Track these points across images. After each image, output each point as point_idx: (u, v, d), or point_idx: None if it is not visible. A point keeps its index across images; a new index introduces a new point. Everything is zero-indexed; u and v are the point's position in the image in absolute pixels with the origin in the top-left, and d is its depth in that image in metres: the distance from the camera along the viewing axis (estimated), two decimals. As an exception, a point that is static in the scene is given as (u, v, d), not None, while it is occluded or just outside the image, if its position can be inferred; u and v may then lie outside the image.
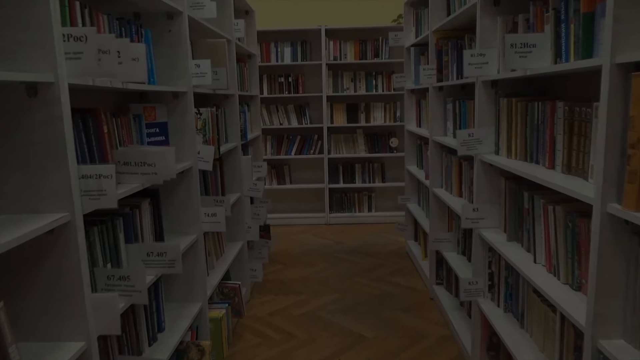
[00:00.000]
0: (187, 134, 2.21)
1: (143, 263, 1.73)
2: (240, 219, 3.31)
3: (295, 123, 5.32)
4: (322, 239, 4.85)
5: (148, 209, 1.91)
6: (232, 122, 3.20)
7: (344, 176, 5.38)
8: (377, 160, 5.43)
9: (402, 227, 4.24)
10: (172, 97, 2.19)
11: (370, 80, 5.24)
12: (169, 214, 2.27)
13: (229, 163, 3.23)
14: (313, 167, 5.52)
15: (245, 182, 3.33)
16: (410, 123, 4.18)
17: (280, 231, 5.13)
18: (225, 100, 3.17)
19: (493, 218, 2.18)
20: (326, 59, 5.15)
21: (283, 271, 3.97)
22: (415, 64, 3.81)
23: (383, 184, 5.34)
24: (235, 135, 3.21)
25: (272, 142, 5.38)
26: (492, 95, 2.13)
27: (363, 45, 5.20)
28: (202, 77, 2.20)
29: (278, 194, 5.59)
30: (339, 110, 5.29)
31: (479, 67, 2.07)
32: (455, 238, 2.94)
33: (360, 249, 4.49)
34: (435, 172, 3.20)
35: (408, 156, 4.22)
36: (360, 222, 5.39)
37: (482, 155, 2.16)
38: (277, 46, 5.21)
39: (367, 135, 5.34)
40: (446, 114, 3.09)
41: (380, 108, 5.28)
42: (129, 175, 1.64)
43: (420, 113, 3.91)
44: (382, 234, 4.93)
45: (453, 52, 2.87)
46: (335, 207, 5.44)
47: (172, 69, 2.17)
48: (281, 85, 5.26)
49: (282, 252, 4.46)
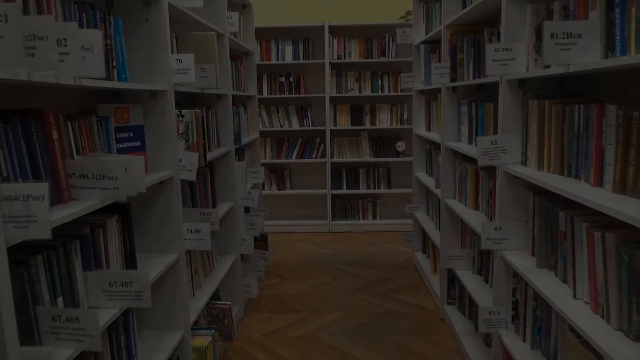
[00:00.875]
0: (167, 139, 1.93)
1: (105, 295, 1.45)
2: (233, 231, 3.02)
3: (297, 125, 5.03)
4: (323, 248, 4.56)
5: (116, 227, 1.62)
6: (224, 125, 2.92)
7: (347, 181, 5.10)
8: (382, 165, 5.14)
9: (409, 238, 3.95)
10: (150, 96, 1.90)
11: (375, 81, 4.95)
12: (146, 230, 1.98)
13: (220, 169, 2.95)
14: (315, 172, 5.24)
15: (239, 190, 3.05)
16: (418, 126, 3.89)
17: (279, 239, 4.84)
18: (217, 101, 2.88)
19: (518, 238, 1.88)
20: (329, 57, 4.86)
21: (281, 285, 3.68)
22: (425, 63, 3.51)
23: (388, 191, 5.05)
24: (228, 139, 2.93)
25: (272, 145, 5.09)
26: (519, 97, 1.84)
27: (368, 43, 4.91)
28: (184, 74, 1.92)
29: (277, 200, 5.30)
30: (342, 111, 5.01)
31: (504, 64, 1.78)
32: (470, 255, 2.65)
33: (364, 260, 4.19)
34: (447, 181, 2.90)
35: (416, 162, 3.93)
36: (364, 230, 5.09)
37: (507, 165, 1.86)
38: (277, 44, 4.93)
39: (372, 139, 5.05)
40: (460, 117, 2.79)
41: (387, 110, 4.99)
42: (85, 190, 1.36)
43: (430, 116, 3.62)
44: (387, 244, 4.63)
45: (469, 48, 2.58)
46: (337, 214, 5.15)
47: (149, 64, 1.88)
48: (282, 85, 4.98)
49: (280, 262, 4.17)
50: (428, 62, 3.49)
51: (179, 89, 2.04)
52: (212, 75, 2.29)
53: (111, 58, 1.64)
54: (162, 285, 2.01)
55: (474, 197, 2.57)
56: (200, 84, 2.30)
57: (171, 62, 1.91)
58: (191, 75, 1.92)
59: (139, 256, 1.93)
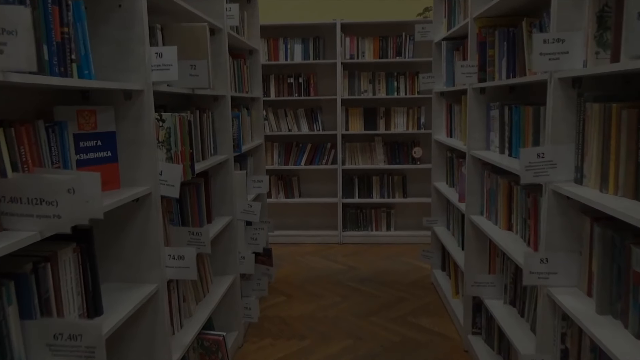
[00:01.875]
0: (144, 148, 1.61)
1: (49, 350, 1.13)
2: (232, 248, 2.70)
3: (306, 129, 4.71)
4: (334, 262, 4.22)
5: (72, 259, 1.31)
6: (222, 130, 2.60)
7: (359, 190, 4.76)
8: (397, 173, 4.79)
9: (427, 254, 3.60)
10: (124, 97, 1.59)
11: (391, 82, 4.61)
12: (119, 256, 1.67)
13: (217, 180, 2.64)
14: (325, 179, 4.91)
15: (239, 203, 2.73)
16: (439, 132, 3.54)
17: (286, 251, 4.52)
18: (214, 103, 2.57)
19: (569, 274, 1.53)
20: (342, 57, 4.54)
21: (285, 305, 3.36)
22: (447, 62, 3.17)
23: (404, 200, 4.70)
24: (226, 146, 2.62)
25: (279, 151, 4.78)
26: (573, 99, 1.49)
27: (383, 42, 4.57)
28: (165, 71, 1.60)
29: (285, 209, 4.98)
30: (355, 115, 4.67)
31: (555, 59, 1.43)
32: (501, 282, 2.30)
33: (378, 277, 3.85)
34: (473, 195, 2.55)
35: (435, 170, 3.58)
36: (378, 242, 4.75)
37: (557, 184, 1.52)
38: (286, 43, 4.62)
39: (387, 144, 4.71)
40: (489, 122, 2.45)
41: (402, 113, 4.64)
42: (19, 218, 1.04)
43: (452, 120, 3.27)
44: (402, 258, 4.28)
45: (501, 43, 2.23)
46: (349, 224, 4.81)
47: (123, 58, 1.57)
48: (290, 86, 4.66)
49: (286, 278, 3.84)
50: (450, 60, 3.14)
51: (161, 88, 1.73)
52: (203, 73, 1.97)
53: (69, 50, 1.33)
54: (137, 322, 1.69)
55: (507, 215, 2.22)
56: (190, 83, 1.99)
57: (149, 57, 1.60)
58: (173, 72, 1.60)
59: (111, 288, 1.63)
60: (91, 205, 1.14)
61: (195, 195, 2.32)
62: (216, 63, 2.54)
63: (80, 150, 1.45)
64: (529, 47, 1.92)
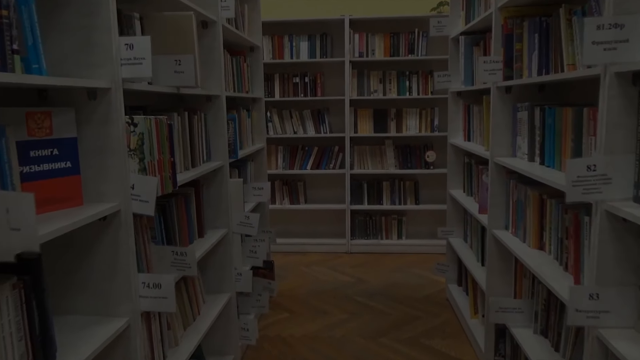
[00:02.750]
0: (113, 158, 1.36)
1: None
2: (227, 263, 2.45)
3: (312, 132, 4.45)
4: (341, 274, 3.95)
5: (12, 298, 1.06)
6: (216, 134, 2.35)
7: (369, 196, 4.48)
8: (409, 178, 4.51)
9: (442, 268, 3.32)
10: (88, 96, 1.34)
11: (402, 82, 4.33)
12: (84, 285, 1.42)
13: (211, 189, 2.38)
14: (332, 185, 4.64)
15: (235, 214, 2.47)
16: (455, 135, 3.26)
17: (291, 261, 4.26)
18: (207, 104, 2.32)
19: (626, 313, 1.25)
20: (350, 55, 4.27)
21: (288, 323, 3.09)
22: (465, 59, 2.89)
23: (416, 207, 4.42)
24: (221, 152, 2.36)
25: (284, 154, 4.52)
26: (634, 99, 1.21)
27: (395, 38, 4.30)
28: (136, 66, 1.35)
29: (290, 216, 4.72)
30: (364, 117, 4.40)
31: (612, 49, 1.16)
32: (531, 309, 2.02)
33: (388, 290, 3.57)
34: (497, 208, 2.27)
35: (452, 177, 3.29)
36: (388, 251, 4.47)
37: (611, 203, 1.24)
38: (291, 40, 4.36)
39: (398, 148, 4.44)
40: (516, 125, 2.16)
41: (415, 115, 4.36)
42: None
43: (470, 122, 2.99)
44: (415, 269, 4.00)
45: (531, 35, 1.95)
46: (358, 232, 4.54)
47: (86, 51, 1.32)
48: (296, 86, 4.40)
49: (290, 291, 3.58)
50: (469, 57, 2.86)
51: (139, 87, 1.47)
52: (189, 69, 1.72)
53: (10, 39, 1.07)
54: (106, 362, 1.44)
55: (537, 232, 1.94)
56: (175, 80, 1.73)
57: (118, 49, 1.34)
58: (146, 68, 1.34)
59: (73, 322, 1.38)
60: (22, 234, 0.88)
61: (184, 207, 2.07)
62: (209, 59, 2.28)
63: (29, 161, 1.19)
64: (568, 37, 1.64)
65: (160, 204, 1.85)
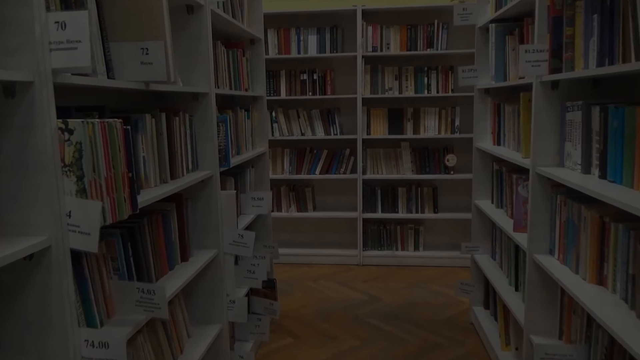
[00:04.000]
0: (39, 176, 1.01)
1: None
2: (217, 290, 2.10)
3: (321, 133, 4.09)
4: (352, 290, 3.58)
5: None
6: (204, 138, 2.00)
7: (383, 203, 4.11)
8: (427, 184, 4.13)
9: (466, 288, 2.93)
10: (3, 93, 0.99)
11: (420, 78, 3.95)
12: (4, 348, 1.07)
13: (197, 203, 2.03)
14: (343, 191, 4.28)
15: (227, 232, 2.12)
16: (482, 138, 2.87)
17: (297, 274, 3.90)
18: (192, 104, 1.97)
19: None
20: (363, 49, 3.89)
21: (291, 350, 2.73)
22: (496, 50, 2.50)
23: (435, 215, 4.03)
24: (209, 159, 2.01)
25: (290, 157, 4.16)
26: None
27: (412, 31, 3.91)
28: (70, 51, 0.99)
29: (297, 224, 4.36)
30: (378, 117, 4.03)
31: None
32: (585, 355, 1.63)
33: (405, 311, 3.20)
34: (539, 227, 1.89)
35: (478, 186, 2.90)
36: (404, 264, 4.09)
37: None
38: (298, 33, 4.00)
39: (415, 151, 4.05)
40: (564, 129, 1.78)
41: (434, 115, 3.97)
42: None
43: (501, 124, 2.60)
44: (433, 285, 3.62)
45: (589, 17, 1.57)
46: (371, 243, 4.17)
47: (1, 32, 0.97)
48: (304, 84, 4.04)
49: (295, 311, 3.22)
50: (501, 48, 2.47)
51: (67, 81, 1.12)
52: (159, 59, 1.37)
53: None
54: None
55: (596, 263, 1.55)
56: (141, 73, 1.38)
57: (44, 29, 0.99)
58: (82, 54, 0.99)
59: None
60: None
61: (161, 227, 1.72)
62: (195, 51, 1.93)
63: None
64: (648, 15, 1.25)
65: (128, 227, 1.50)
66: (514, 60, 2.34)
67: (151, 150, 1.60)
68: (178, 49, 1.91)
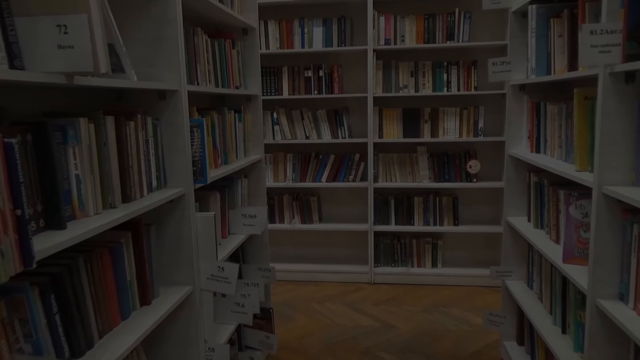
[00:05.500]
0: None
1: None
2: (192, 336, 1.68)
3: (328, 136, 3.66)
4: (362, 314, 3.16)
5: None
6: (173, 148, 1.58)
7: (397, 214, 3.67)
8: (447, 193, 3.68)
9: (496, 320, 2.49)
10: None
11: (439, 75, 3.51)
12: None
13: (164, 229, 1.62)
14: (352, 201, 3.85)
15: (204, 265, 1.71)
16: (516, 143, 2.43)
17: (300, 295, 3.48)
18: (161, 104, 1.56)
19: None
20: (374, 42, 3.47)
21: (290, 396, 2.32)
22: (537, 37, 2.05)
23: (455, 228, 3.58)
24: (180, 173, 1.60)
25: (294, 163, 3.74)
26: None
27: (429, 21, 3.47)
28: None
29: (301, 237, 3.95)
30: (391, 118, 3.59)
31: None
32: None
33: (423, 343, 2.76)
34: (605, 265, 1.45)
35: (511, 199, 2.46)
36: (420, 282, 3.65)
37: None
38: (302, 25, 3.58)
39: (433, 156, 3.61)
40: (643, 135, 1.33)
41: (454, 116, 3.53)
42: None
43: (541, 127, 2.15)
44: (454, 309, 3.17)
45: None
46: (383, 259, 3.74)
47: None
48: (308, 81, 3.62)
49: (296, 342, 2.80)
50: (544, 34, 2.03)
51: None
52: (82, 41, 0.96)
53: None
54: None
55: (702, 324, 1.11)
56: (56, 61, 0.97)
57: None
58: None
59: None
60: None
61: (109, 266, 1.31)
62: (158, 36, 1.52)
63: None
64: None
65: (54, 273, 1.09)
66: (561, 49, 1.89)
67: (88, 167, 1.19)
68: (135, 34, 1.50)
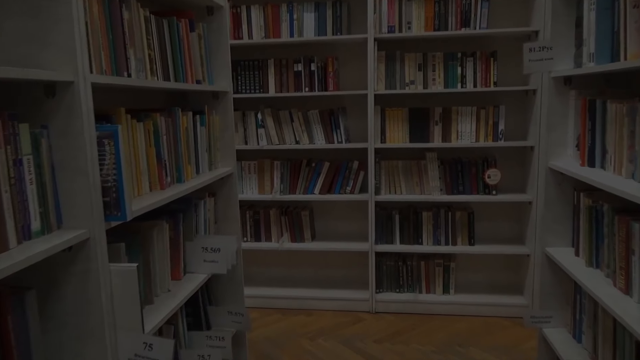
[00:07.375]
0: None
1: None
2: None
3: (322, 141, 3.13)
4: (362, 356, 2.62)
5: None
6: (70, 169, 1.05)
7: (402, 232, 3.14)
8: (460, 207, 3.15)
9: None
10: None
11: (452, 68, 2.97)
12: None
13: (59, 292, 1.09)
14: (350, 215, 3.33)
15: (124, 341, 1.17)
16: (558, 153, 1.89)
17: (289, 327, 2.95)
18: (50, 105, 1.02)
19: None
20: (376, 31, 2.93)
21: None
22: (598, 11, 1.51)
23: (470, 248, 3.05)
24: (82, 209, 1.06)
25: (282, 172, 3.22)
26: None
27: (441, 4, 2.94)
28: None
29: (291, 258, 3.43)
30: (396, 119, 3.06)
31: None
32: None
33: (436, 400, 2.23)
34: None
35: (550, 225, 1.92)
36: (430, 312, 3.12)
37: None
38: (291, 10, 3.06)
39: (445, 164, 3.07)
40: None
41: (470, 116, 3.00)
42: None
43: (596, 132, 1.61)
44: (472, 348, 2.64)
45: None
46: (386, 283, 3.21)
47: None
48: (298, 77, 3.09)
49: (280, 399, 2.27)
50: (607, 6, 1.49)
51: None
52: None
53: None
54: None
55: None
56: None
57: None
58: None
59: None
60: None
61: None
62: (41, 8, 0.99)
63: None
64: None
65: None
66: (636, 24, 1.36)
67: None
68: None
